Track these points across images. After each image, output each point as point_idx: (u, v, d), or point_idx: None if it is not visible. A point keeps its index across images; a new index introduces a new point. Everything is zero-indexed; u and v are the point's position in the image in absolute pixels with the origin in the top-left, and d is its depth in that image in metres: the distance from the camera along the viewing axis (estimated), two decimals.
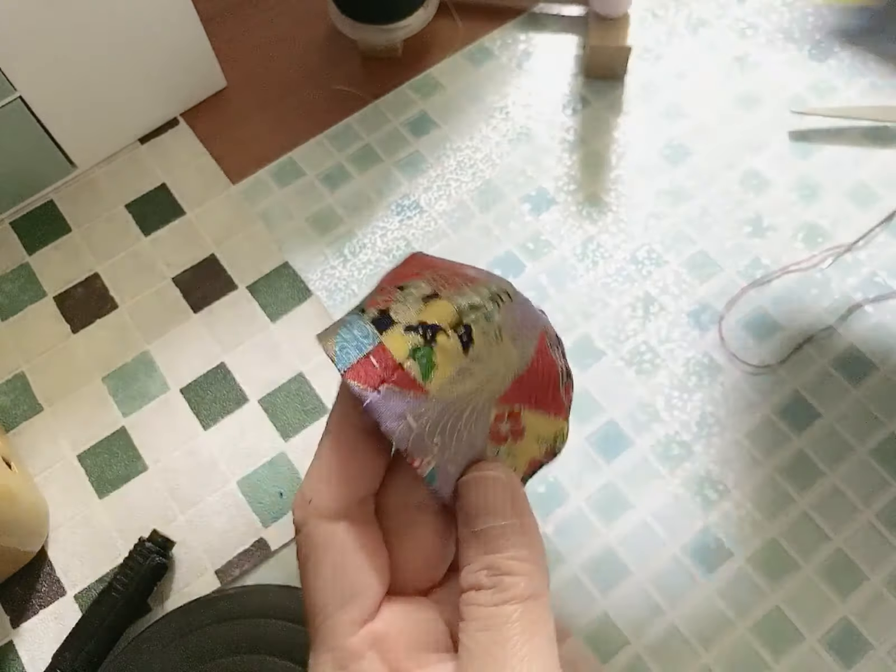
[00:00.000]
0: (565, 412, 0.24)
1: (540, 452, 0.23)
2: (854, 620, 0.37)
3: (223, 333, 0.45)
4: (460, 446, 0.22)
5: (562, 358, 0.24)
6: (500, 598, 0.21)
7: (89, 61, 0.45)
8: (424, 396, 0.22)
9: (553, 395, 0.23)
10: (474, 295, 0.22)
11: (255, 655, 0.34)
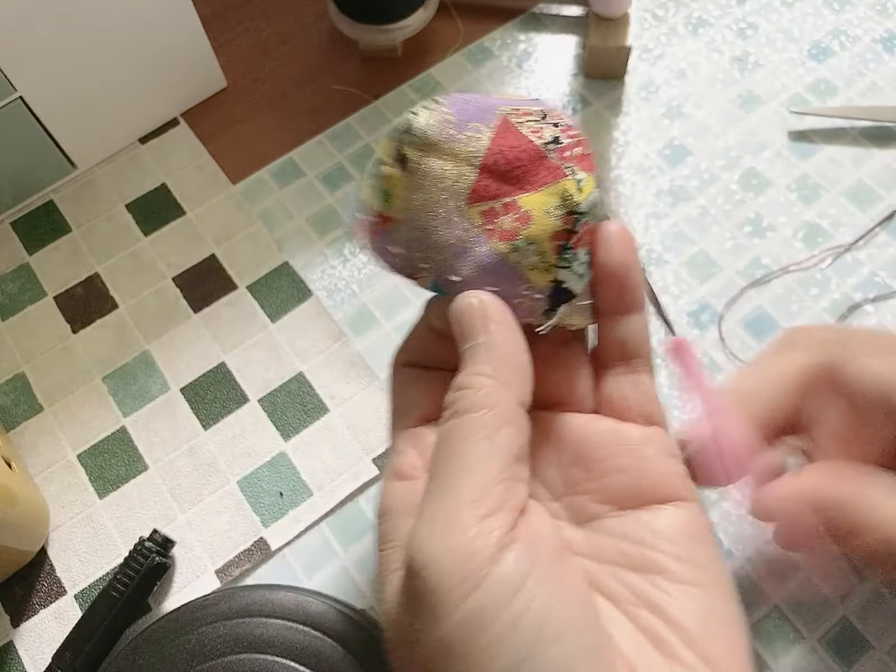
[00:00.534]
0: (562, 172, 0.23)
1: (557, 222, 0.23)
2: (854, 620, 0.37)
3: (223, 333, 0.45)
4: (450, 253, 0.23)
5: (551, 126, 0.24)
6: (451, 411, 0.23)
7: (89, 62, 0.45)
8: (392, 223, 0.24)
9: (543, 165, 0.23)
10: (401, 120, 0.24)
11: (255, 655, 0.34)
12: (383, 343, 0.45)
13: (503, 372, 0.22)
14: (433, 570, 0.19)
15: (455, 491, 0.21)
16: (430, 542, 0.20)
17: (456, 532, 0.20)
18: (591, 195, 0.23)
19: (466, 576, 0.19)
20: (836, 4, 0.54)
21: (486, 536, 0.20)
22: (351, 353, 0.44)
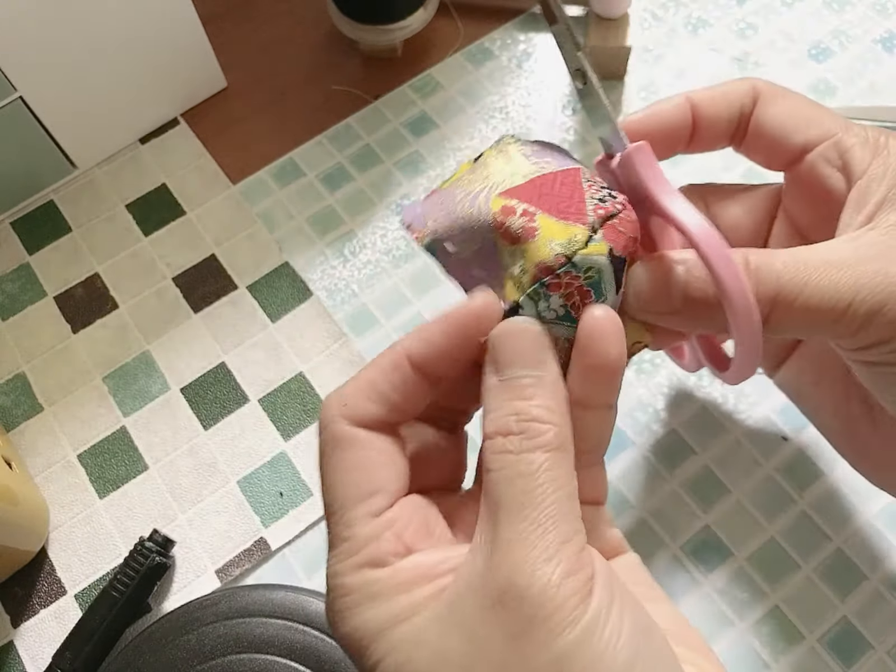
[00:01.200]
0: (586, 220, 0.23)
1: (551, 256, 0.23)
2: (854, 620, 0.37)
3: (223, 333, 0.45)
4: (458, 223, 0.25)
5: (610, 195, 0.24)
6: (530, 445, 0.21)
7: (89, 62, 0.45)
8: (435, 192, 0.26)
9: (577, 207, 0.24)
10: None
11: (255, 655, 0.35)
12: (383, 343, 0.45)
13: (567, 413, 0.23)
14: (554, 594, 0.20)
15: (562, 524, 0.21)
16: (547, 570, 0.20)
17: (567, 563, 0.20)
18: (593, 258, 0.23)
19: (581, 598, 0.20)
20: (836, 5, 0.54)
21: (585, 570, 0.21)
22: (351, 353, 0.44)
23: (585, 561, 0.21)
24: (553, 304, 0.23)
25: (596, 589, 0.21)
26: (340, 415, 0.23)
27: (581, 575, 0.21)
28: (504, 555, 0.21)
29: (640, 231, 0.25)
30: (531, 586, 0.20)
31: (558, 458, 0.22)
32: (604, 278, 0.23)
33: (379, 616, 0.21)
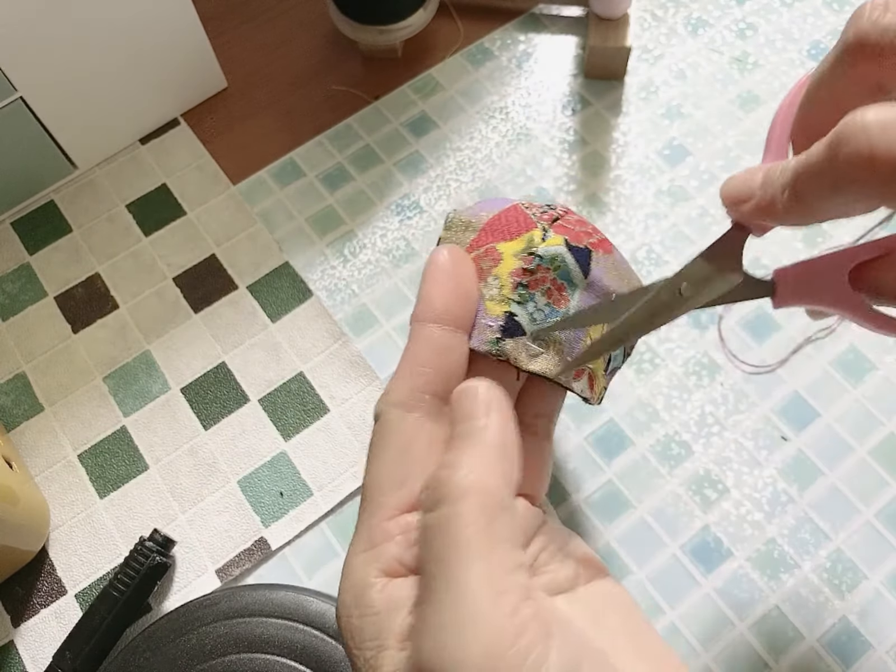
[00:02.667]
0: (534, 225, 0.27)
1: (518, 262, 0.26)
2: (854, 620, 0.37)
3: (223, 333, 0.45)
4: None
5: (549, 209, 0.27)
6: (435, 499, 0.21)
7: (90, 62, 0.45)
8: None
9: (525, 224, 0.27)
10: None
11: (255, 654, 0.35)
12: (383, 343, 0.45)
13: (493, 457, 0.21)
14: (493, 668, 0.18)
15: (474, 593, 0.19)
16: (459, 650, 0.18)
17: (489, 632, 0.18)
18: (553, 248, 0.26)
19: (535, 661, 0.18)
20: (836, 5, 0.54)
21: (524, 634, 0.18)
22: (351, 353, 0.44)
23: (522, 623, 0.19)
24: (539, 302, 0.26)
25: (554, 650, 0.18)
26: (388, 402, 0.24)
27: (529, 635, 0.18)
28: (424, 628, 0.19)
29: (592, 227, 0.28)
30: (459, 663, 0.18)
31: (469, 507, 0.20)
32: (570, 268, 0.26)
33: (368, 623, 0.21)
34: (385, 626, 0.21)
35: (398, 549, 0.22)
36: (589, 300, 0.26)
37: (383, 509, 0.23)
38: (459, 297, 0.25)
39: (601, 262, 0.27)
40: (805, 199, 0.22)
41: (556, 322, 0.26)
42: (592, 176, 0.49)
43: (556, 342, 0.26)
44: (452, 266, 0.25)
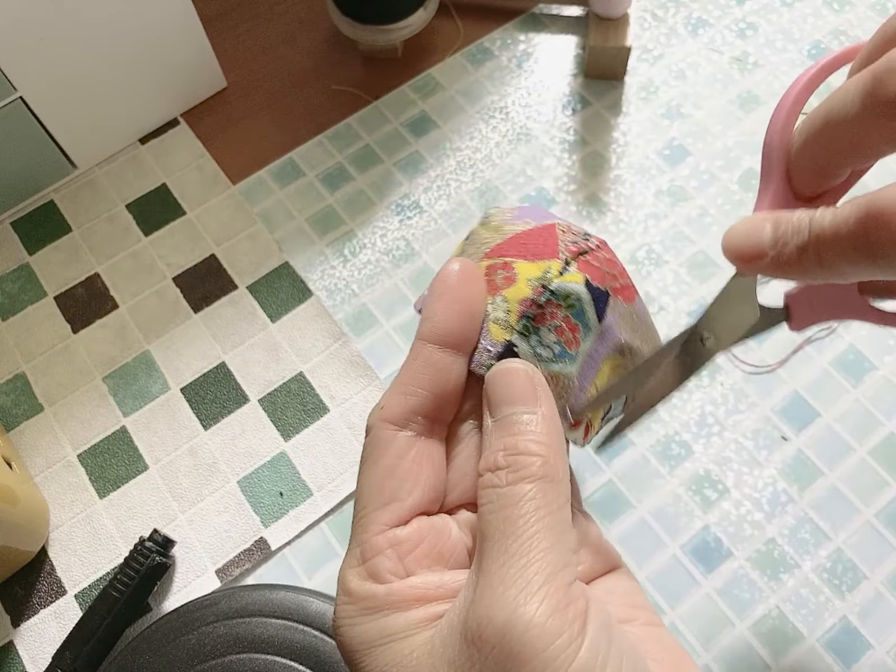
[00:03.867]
0: (557, 255, 0.25)
1: (530, 290, 0.24)
2: (854, 620, 0.37)
3: (223, 333, 0.45)
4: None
5: (583, 239, 0.26)
6: (516, 477, 0.21)
7: (90, 62, 0.45)
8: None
9: (551, 249, 0.25)
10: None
11: (255, 655, 0.35)
12: (383, 343, 0.45)
13: (559, 446, 0.22)
14: (539, 634, 0.19)
15: (543, 559, 0.20)
16: (529, 608, 0.19)
17: (553, 598, 0.20)
18: (569, 285, 0.24)
19: (570, 639, 0.19)
20: (836, 4, 0.54)
21: (577, 603, 0.20)
22: (351, 353, 0.44)
23: (575, 596, 0.20)
24: (545, 339, 0.24)
25: (589, 630, 0.20)
26: (380, 417, 0.24)
27: (570, 612, 0.20)
28: (484, 589, 0.20)
29: (620, 270, 0.26)
30: (512, 623, 0.19)
31: (545, 487, 0.21)
32: (585, 308, 0.24)
33: (371, 631, 0.22)
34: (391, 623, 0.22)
35: (390, 563, 0.23)
36: (599, 348, 0.25)
37: (372, 525, 0.23)
38: (464, 320, 0.24)
39: (618, 309, 0.25)
40: (833, 266, 0.22)
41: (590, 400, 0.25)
42: (592, 176, 0.49)
43: (559, 380, 0.24)
44: (461, 284, 0.24)
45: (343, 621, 0.23)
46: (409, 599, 0.22)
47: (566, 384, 0.24)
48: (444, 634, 0.21)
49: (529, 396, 0.23)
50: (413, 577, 0.22)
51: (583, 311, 0.24)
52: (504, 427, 0.23)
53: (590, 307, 0.24)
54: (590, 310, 0.24)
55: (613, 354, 0.25)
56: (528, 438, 0.22)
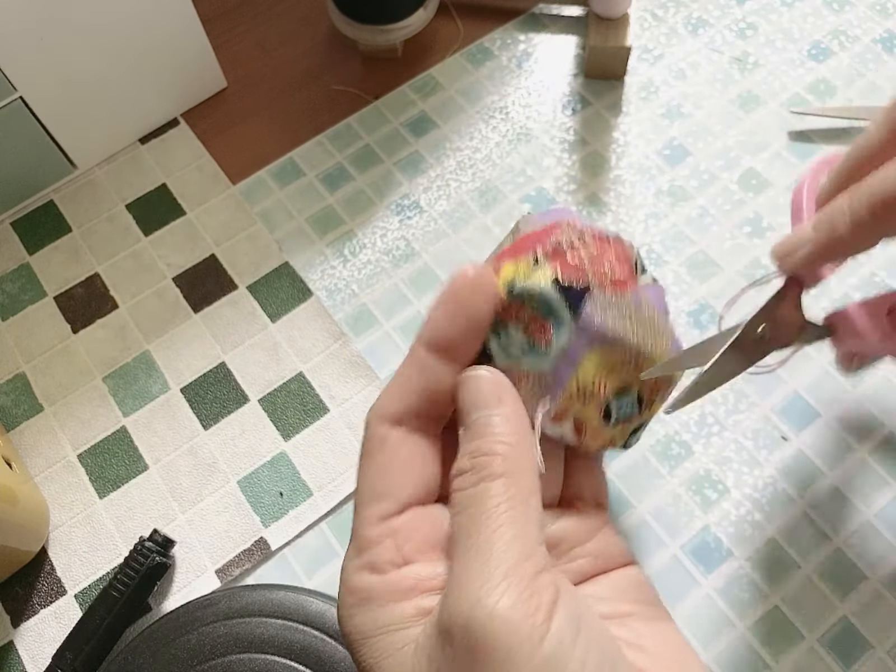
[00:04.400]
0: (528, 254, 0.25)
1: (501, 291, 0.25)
2: (854, 620, 0.37)
3: (223, 333, 0.45)
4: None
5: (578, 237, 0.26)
6: (478, 478, 0.22)
7: (90, 62, 0.45)
8: None
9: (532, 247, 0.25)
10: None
11: (255, 655, 0.35)
12: (383, 343, 0.45)
13: (523, 443, 0.23)
14: (500, 625, 0.19)
15: (505, 552, 0.21)
16: (490, 600, 0.20)
17: (515, 589, 0.20)
18: (532, 284, 0.24)
19: (532, 628, 0.20)
20: (836, 4, 0.54)
21: (542, 593, 0.20)
22: (351, 353, 0.44)
23: (541, 586, 0.20)
24: (514, 337, 0.24)
25: (556, 619, 0.20)
26: (375, 415, 0.25)
27: (533, 602, 0.20)
28: (452, 585, 0.21)
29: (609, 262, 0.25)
30: (475, 615, 0.20)
31: (507, 483, 0.22)
32: (553, 305, 0.24)
33: (367, 623, 0.22)
34: (387, 613, 0.22)
35: (388, 554, 0.23)
36: (577, 342, 0.24)
37: (368, 517, 0.24)
38: (464, 329, 0.24)
39: (603, 302, 0.24)
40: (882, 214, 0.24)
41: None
42: (592, 176, 0.49)
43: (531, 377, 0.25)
44: (470, 293, 0.24)
45: (343, 612, 0.23)
46: (404, 590, 0.22)
47: (539, 380, 0.24)
48: (428, 629, 0.21)
49: (492, 399, 0.24)
50: (407, 567, 0.23)
51: (550, 308, 0.24)
52: (470, 431, 0.24)
53: (559, 303, 0.24)
54: (559, 306, 0.24)
55: (599, 347, 0.24)
56: (490, 439, 0.23)
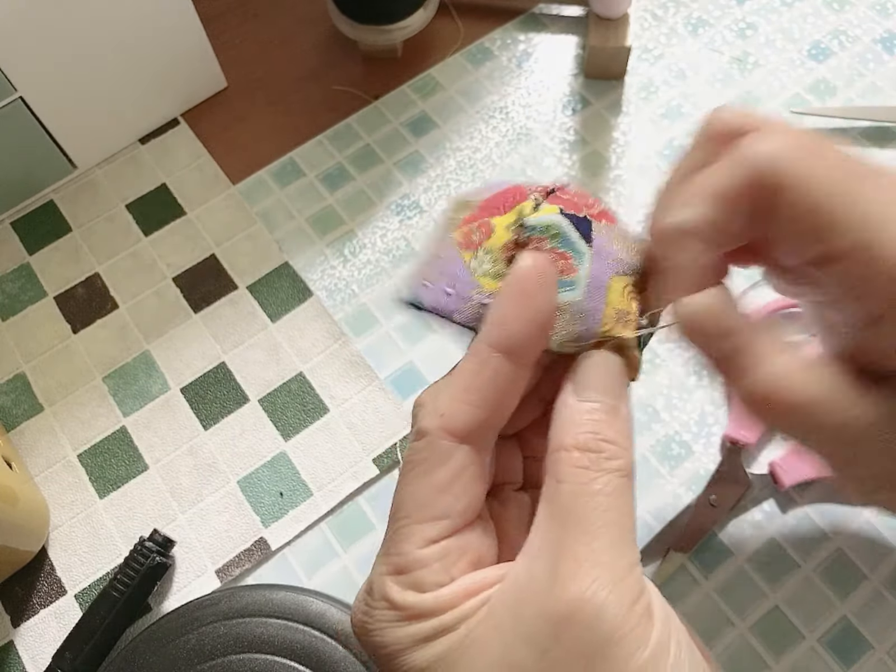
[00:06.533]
0: (526, 196, 0.26)
1: (510, 234, 0.25)
2: (854, 620, 0.37)
3: (223, 333, 0.45)
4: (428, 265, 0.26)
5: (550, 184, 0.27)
6: (608, 466, 0.22)
7: (90, 62, 0.45)
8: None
9: (520, 198, 0.26)
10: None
11: (255, 655, 0.35)
12: (383, 343, 0.45)
13: (630, 444, 0.23)
14: (625, 619, 0.20)
15: (627, 550, 0.22)
16: (618, 595, 0.21)
17: (634, 589, 0.21)
18: (545, 216, 0.24)
19: (647, 624, 0.21)
20: (836, 4, 0.54)
21: (646, 596, 0.22)
22: (351, 353, 0.44)
23: (644, 586, 0.22)
24: None
25: (655, 617, 0.21)
26: (440, 426, 0.23)
27: (643, 600, 0.21)
28: (575, 570, 0.21)
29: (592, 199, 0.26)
30: (606, 608, 0.20)
31: (628, 485, 0.22)
32: (569, 236, 0.24)
33: (420, 631, 0.22)
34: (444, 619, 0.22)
35: (437, 576, 0.22)
36: (601, 267, 0.24)
37: (417, 537, 0.23)
38: (538, 328, 0.23)
39: (603, 231, 0.25)
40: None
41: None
42: (592, 176, 0.49)
43: (566, 309, 0.24)
44: (538, 288, 0.23)
45: (382, 625, 0.22)
46: (456, 598, 0.22)
47: (574, 312, 0.24)
48: (514, 610, 0.21)
49: (619, 391, 0.23)
50: (455, 583, 0.22)
51: (568, 238, 0.24)
52: (591, 411, 0.23)
53: (573, 232, 0.24)
54: (574, 235, 0.24)
55: (620, 274, 0.25)
56: (616, 430, 0.23)
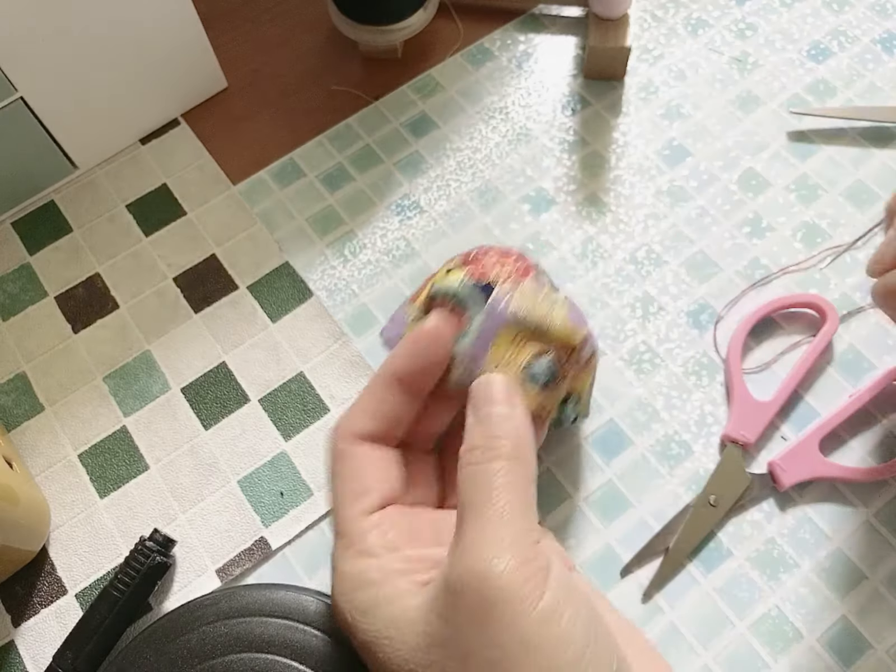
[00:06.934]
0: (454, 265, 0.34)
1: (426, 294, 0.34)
2: (853, 620, 0.37)
3: (224, 333, 0.45)
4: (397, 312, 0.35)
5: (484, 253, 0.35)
6: (490, 455, 0.26)
7: (90, 62, 0.45)
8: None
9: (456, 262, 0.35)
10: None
11: (255, 654, 0.35)
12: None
13: (528, 438, 0.27)
14: (508, 584, 0.23)
15: (516, 521, 0.25)
16: (501, 563, 0.23)
17: (521, 556, 0.24)
18: (448, 283, 0.32)
19: (536, 584, 0.23)
20: (836, 5, 0.54)
21: (540, 560, 0.24)
22: (351, 353, 0.44)
23: (540, 552, 0.24)
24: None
25: (551, 578, 0.24)
26: (343, 431, 0.30)
27: (533, 565, 0.24)
28: (465, 547, 0.24)
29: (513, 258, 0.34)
30: (488, 572, 0.23)
31: (514, 465, 0.26)
32: (465, 298, 0.32)
33: (367, 600, 0.26)
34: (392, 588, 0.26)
35: (378, 540, 0.27)
36: (492, 321, 0.31)
37: (352, 514, 0.28)
38: (426, 367, 0.31)
39: (505, 290, 0.32)
40: None
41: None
42: (592, 176, 0.49)
43: (455, 354, 0.31)
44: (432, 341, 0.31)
45: (340, 597, 0.27)
46: (398, 569, 0.26)
47: (462, 357, 0.31)
48: (433, 592, 0.25)
49: (505, 398, 0.28)
50: (397, 552, 0.27)
51: (463, 300, 0.32)
52: (482, 421, 0.28)
53: (470, 296, 0.32)
54: (471, 298, 0.32)
55: (507, 327, 0.31)
56: (504, 426, 0.27)
